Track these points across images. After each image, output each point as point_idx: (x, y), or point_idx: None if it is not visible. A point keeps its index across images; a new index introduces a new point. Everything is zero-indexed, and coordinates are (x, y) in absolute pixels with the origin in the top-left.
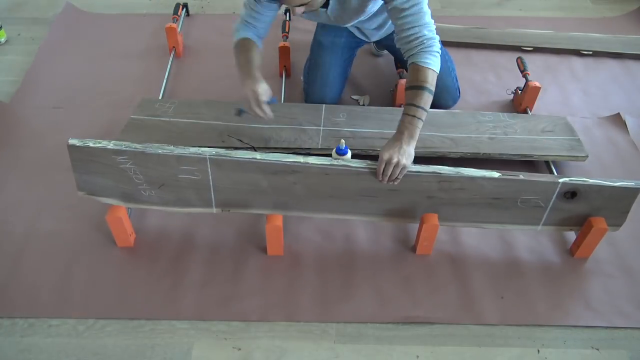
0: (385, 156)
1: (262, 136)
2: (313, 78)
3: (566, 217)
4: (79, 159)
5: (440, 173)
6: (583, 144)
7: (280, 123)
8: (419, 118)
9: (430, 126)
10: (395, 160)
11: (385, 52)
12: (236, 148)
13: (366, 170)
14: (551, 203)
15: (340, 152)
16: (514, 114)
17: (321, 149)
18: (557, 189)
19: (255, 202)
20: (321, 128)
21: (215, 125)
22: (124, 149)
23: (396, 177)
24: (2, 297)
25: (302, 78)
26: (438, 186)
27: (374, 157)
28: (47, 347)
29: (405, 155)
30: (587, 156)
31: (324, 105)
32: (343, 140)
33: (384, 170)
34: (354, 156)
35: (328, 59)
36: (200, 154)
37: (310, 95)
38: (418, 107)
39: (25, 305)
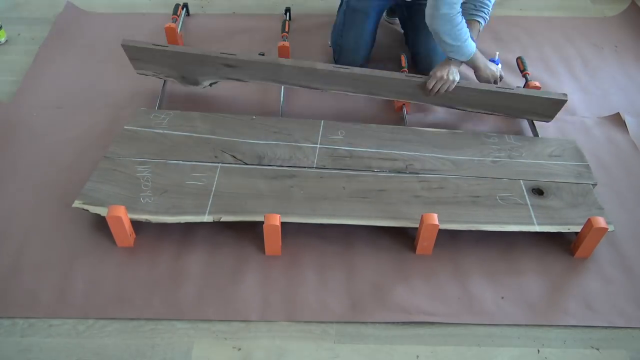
0: (438, 74)
1: (256, 153)
2: (346, 41)
3: (554, 215)
4: (104, 168)
5: (418, 174)
6: (592, 171)
7: (276, 139)
8: None
9: (431, 147)
10: (445, 77)
11: (396, 22)
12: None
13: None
14: (528, 200)
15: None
16: (521, 136)
17: (316, 168)
18: (523, 186)
19: (252, 208)
20: (317, 146)
21: (209, 140)
22: (149, 160)
23: (444, 90)
24: (2, 297)
25: (329, 43)
26: (420, 186)
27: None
28: (47, 347)
29: (454, 73)
30: (596, 184)
31: (322, 121)
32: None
33: (434, 86)
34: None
35: (361, 22)
36: (213, 162)
37: (341, 58)
38: None
39: (25, 305)
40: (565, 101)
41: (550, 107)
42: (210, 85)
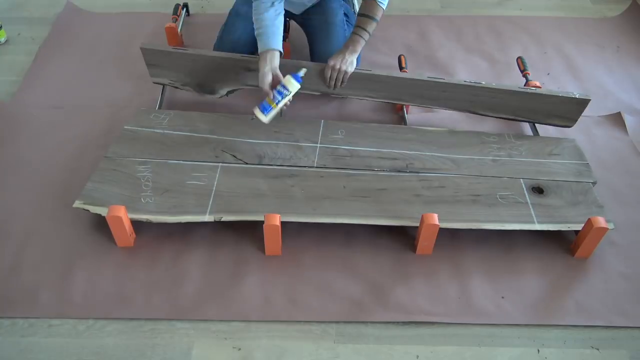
0: (330, 63)
1: (257, 152)
2: (223, 43)
3: (555, 213)
4: (105, 168)
5: (418, 173)
6: (592, 169)
7: (276, 139)
8: (364, 38)
9: (431, 146)
10: (338, 66)
11: None
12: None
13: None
14: (528, 198)
15: (296, 79)
16: (521, 135)
17: (317, 167)
18: (523, 185)
19: (252, 207)
20: (318, 145)
21: (209, 139)
22: (149, 160)
23: (341, 82)
24: (2, 297)
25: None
26: (420, 185)
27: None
28: (47, 347)
29: (347, 63)
30: (595, 182)
31: (322, 120)
32: (304, 70)
33: (330, 75)
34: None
35: (241, 27)
36: (213, 161)
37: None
38: (365, 30)
39: (25, 305)
40: (589, 100)
41: (574, 107)
42: (227, 94)
